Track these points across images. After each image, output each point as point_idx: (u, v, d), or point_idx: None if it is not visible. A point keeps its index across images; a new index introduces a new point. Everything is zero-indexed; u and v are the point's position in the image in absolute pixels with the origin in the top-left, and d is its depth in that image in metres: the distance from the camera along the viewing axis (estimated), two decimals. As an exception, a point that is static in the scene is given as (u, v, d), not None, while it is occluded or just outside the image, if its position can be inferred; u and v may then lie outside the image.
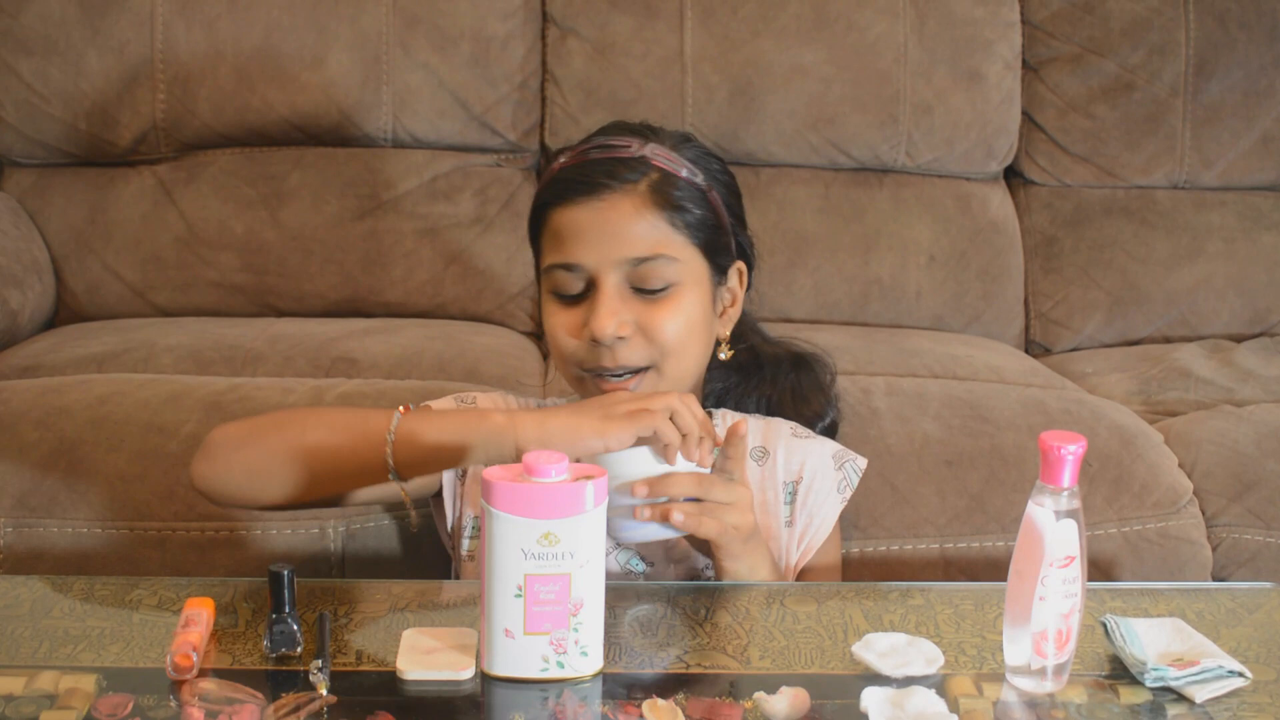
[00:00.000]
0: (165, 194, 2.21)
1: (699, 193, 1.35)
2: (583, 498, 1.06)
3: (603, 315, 1.29)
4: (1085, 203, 2.37)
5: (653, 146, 1.34)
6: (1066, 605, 1.07)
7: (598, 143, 1.36)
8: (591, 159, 1.34)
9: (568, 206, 1.32)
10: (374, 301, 2.20)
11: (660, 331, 1.31)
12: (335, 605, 1.20)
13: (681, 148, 1.37)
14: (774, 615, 1.21)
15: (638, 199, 1.31)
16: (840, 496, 1.42)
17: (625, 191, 1.31)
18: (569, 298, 1.33)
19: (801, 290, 2.25)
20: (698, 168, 1.36)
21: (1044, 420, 1.73)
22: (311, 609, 1.18)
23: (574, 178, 1.33)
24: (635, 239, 1.30)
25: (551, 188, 1.35)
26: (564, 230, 1.32)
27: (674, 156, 1.35)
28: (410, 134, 2.24)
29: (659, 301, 1.32)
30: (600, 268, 1.30)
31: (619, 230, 1.30)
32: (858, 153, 2.30)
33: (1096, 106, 2.35)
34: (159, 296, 2.19)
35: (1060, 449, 1.05)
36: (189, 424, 1.65)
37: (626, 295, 1.31)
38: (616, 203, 1.31)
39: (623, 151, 1.33)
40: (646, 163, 1.33)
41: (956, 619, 1.20)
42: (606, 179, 1.31)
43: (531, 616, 1.06)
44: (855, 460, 1.45)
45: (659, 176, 1.32)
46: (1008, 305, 2.30)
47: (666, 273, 1.31)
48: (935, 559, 1.64)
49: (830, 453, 1.44)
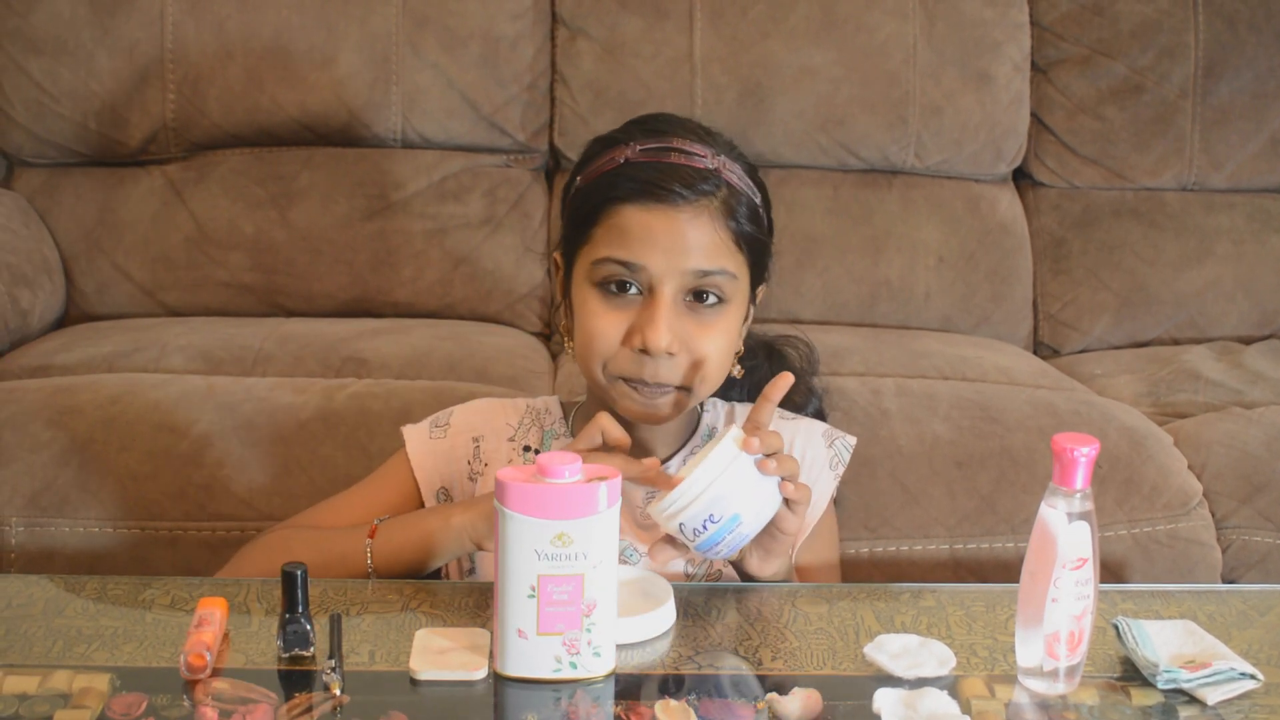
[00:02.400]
0: (175, 194, 2.21)
1: (755, 209, 1.33)
2: (596, 498, 1.06)
3: (661, 326, 1.27)
4: (1094, 204, 2.36)
5: (723, 159, 1.32)
6: (1079, 607, 1.07)
7: (676, 145, 1.32)
8: (668, 162, 1.30)
9: (641, 208, 1.28)
10: (383, 301, 2.20)
11: (704, 349, 1.30)
12: (348, 605, 1.20)
13: (738, 158, 1.36)
14: (786, 616, 1.21)
15: (712, 213, 1.29)
16: (833, 474, 1.42)
17: (702, 205, 1.29)
18: (618, 299, 1.30)
19: (810, 291, 2.25)
20: (751, 180, 1.35)
21: (1054, 422, 1.72)
22: (324, 608, 1.19)
23: (653, 180, 1.29)
24: (705, 251, 1.28)
25: (621, 183, 1.30)
26: (634, 229, 1.28)
27: (739, 170, 1.33)
28: (419, 134, 2.24)
29: (708, 321, 1.30)
30: (664, 275, 1.28)
31: (692, 242, 1.28)
32: (867, 154, 2.29)
33: (1105, 108, 2.35)
34: (169, 296, 2.19)
35: (1073, 451, 1.05)
36: (200, 424, 1.65)
37: (680, 308, 1.29)
38: (695, 216, 1.28)
39: (699, 161, 1.30)
40: (719, 176, 1.30)
41: (968, 620, 1.20)
42: (685, 190, 1.28)
43: (545, 617, 1.06)
44: (845, 438, 1.44)
45: (728, 192, 1.30)
46: (1016, 307, 2.30)
47: (724, 288, 1.30)
48: (946, 560, 1.64)
49: (819, 430, 1.44)
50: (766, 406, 1.25)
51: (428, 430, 1.43)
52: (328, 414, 1.69)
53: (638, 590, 1.20)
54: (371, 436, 1.67)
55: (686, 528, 1.17)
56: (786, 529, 1.22)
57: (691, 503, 1.16)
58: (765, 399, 1.25)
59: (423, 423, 1.44)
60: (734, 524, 1.17)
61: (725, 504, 1.17)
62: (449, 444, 1.41)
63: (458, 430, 1.42)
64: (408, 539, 1.30)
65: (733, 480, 1.17)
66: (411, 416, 1.48)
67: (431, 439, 1.42)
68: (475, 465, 1.40)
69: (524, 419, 1.44)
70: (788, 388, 1.25)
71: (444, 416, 1.44)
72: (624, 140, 1.34)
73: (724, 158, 1.33)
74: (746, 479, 1.18)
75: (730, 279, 1.30)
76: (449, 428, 1.43)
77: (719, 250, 1.29)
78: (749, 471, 1.18)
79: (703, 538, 1.18)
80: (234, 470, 1.64)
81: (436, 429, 1.43)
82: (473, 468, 1.40)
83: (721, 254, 1.30)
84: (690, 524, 1.17)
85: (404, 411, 1.66)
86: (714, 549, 1.19)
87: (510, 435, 1.42)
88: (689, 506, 1.16)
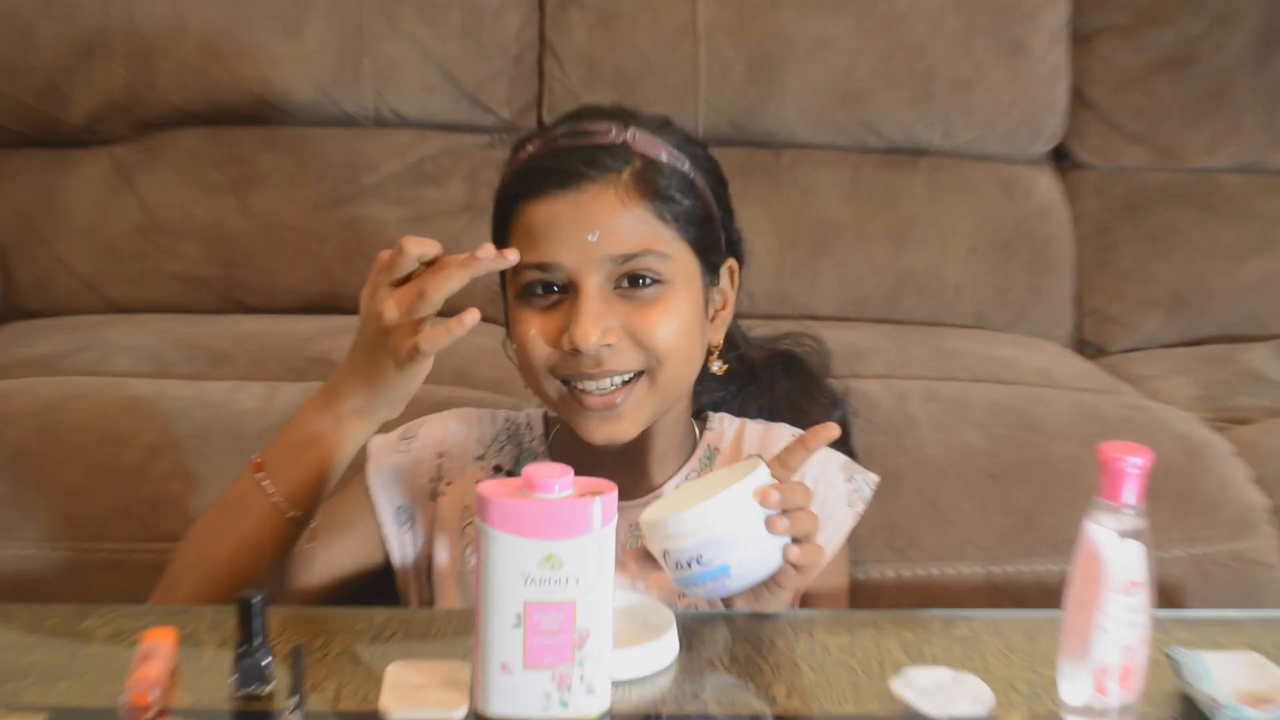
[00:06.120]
0: (122, 178, 2.22)
1: (685, 181, 1.33)
2: (590, 515, 1.05)
3: (585, 321, 1.27)
4: (1142, 187, 2.37)
5: (633, 131, 1.32)
6: (1131, 637, 1.06)
7: (570, 128, 1.33)
8: (565, 146, 1.31)
9: (542, 200, 1.29)
10: (354, 297, 2.16)
11: (652, 337, 1.29)
12: (311, 636, 1.19)
13: (663, 132, 1.35)
14: (802, 647, 1.20)
15: (621, 190, 1.29)
16: (852, 510, 1.41)
17: (607, 182, 1.28)
18: (544, 303, 1.31)
19: (827, 285, 2.25)
20: (682, 153, 1.34)
21: (1099, 429, 1.73)
22: (285, 640, 1.17)
23: (548, 167, 1.30)
24: (620, 234, 1.28)
25: (521, 179, 1.32)
26: (538, 226, 1.29)
27: (656, 141, 1.33)
28: (394, 112, 2.25)
29: (648, 305, 1.29)
30: (581, 268, 1.28)
31: (601, 225, 1.27)
32: (889, 132, 2.30)
33: (1154, 81, 2.36)
34: (115, 291, 2.19)
35: (1123, 462, 1.04)
36: (147, 433, 1.65)
37: (610, 299, 1.29)
38: (598, 194, 1.28)
39: (601, 138, 1.31)
40: (628, 149, 1.30)
41: (1006, 652, 1.20)
42: (585, 168, 1.28)
43: (532, 649, 1.05)
44: (866, 475, 1.44)
45: (642, 164, 1.30)
46: (1057, 301, 2.31)
47: (655, 269, 1.29)
48: (980, 584, 1.64)
49: (838, 463, 1.43)
50: (800, 453, 1.23)
51: (395, 443, 1.43)
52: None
53: (636, 618, 1.20)
54: (339, 447, 1.66)
55: (670, 558, 1.17)
56: (786, 586, 1.22)
57: (683, 535, 1.15)
58: (802, 445, 1.23)
59: (393, 433, 1.44)
60: (720, 574, 1.16)
61: (718, 551, 1.15)
62: (412, 459, 1.42)
63: (424, 444, 1.43)
64: (299, 453, 1.28)
65: (734, 529, 1.15)
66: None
67: (397, 453, 1.42)
68: (438, 484, 1.41)
69: (499, 435, 1.44)
70: (830, 440, 1.23)
71: (414, 427, 1.45)
72: (531, 136, 1.36)
73: (636, 130, 1.32)
74: (748, 532, 1.16)
75: (661, 259, 1.29)
76: (415, 440, 1.43)
77: (636, 230, 1.29)
78: (754, 525, 1.16)
79: (683, 574, 1.17)
80: (185, 485, 1.63)
81: (404, 441, 1.43)
82: (435, 486, 1.41)
83: (641, 234, 1.29)
84: (675, 557, 1.16)
85: (375, 419, 1.65)
86: (691, 589, 1.18)
87: (480, 454, 1.43)
88: (679, 538, 1.15)
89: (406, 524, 1.40)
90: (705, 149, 1.39)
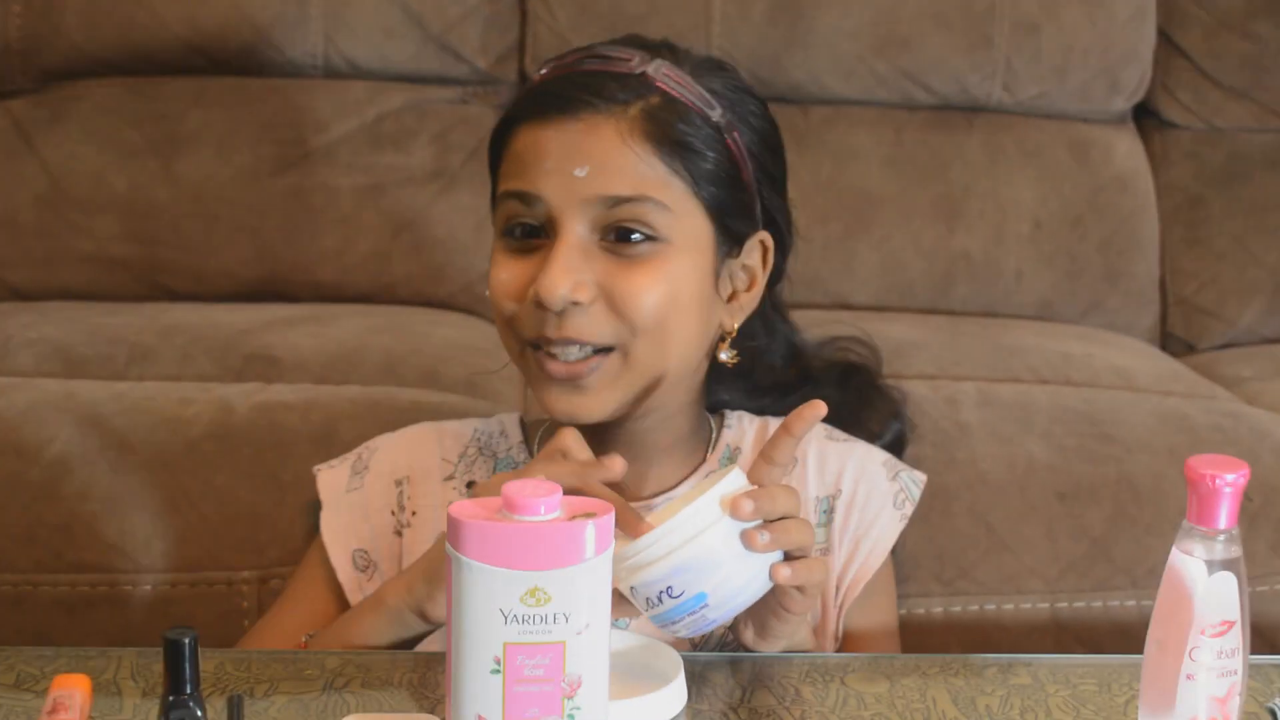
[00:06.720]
0: (21, 138, 2.22)
1: (713, 131, 1.34)
2: (581, 542, 1.06)
3: (555, 270, 1.28)
4: (1241, 152, 2.37)
5: (660, 64, 1.34)
6: (1223, 686, 1.07)
7: (591, 53, 1.36)
8: (579, 70, 1.34)
9: (535, 124, 1.32)
10: (300, 281, 2.20)
11: (632, 302, 1.29)
12: (252, 683, 1.20)
13: (706, 74, 1.37)
14: (832, 697, 1.21)
15: (625, 125, 1.30)
16: (899, 513, 1.42)
17: (610, 113, 1.30)
18: (520, 246, 1.33)
19: (864, 268, 2.25)
20: (719, 100, 1.36)
21: (1188, 440, 1.73)
22: (220, 688, 1.18)
23: (552, 90, 1.33)
24: (613, 173, 1.29)
25: (522, 101, 1.36)
26: (526, 151, 1.32)
27: (686, 80, 1.34)
28: (347, 60, 2.25)
29: (636, 262, 1.30)
30: (564, 205, 1.29)
31: (593, 160, 1.29)
32: (939, 85, 2.31)
33: (1257, 23, 2.36)
34: (14, 274, 2.19)
35: (1215, 480, 1.05)
36: (56, 443, 1.65)
37: (593, 252, 1.30)
38: (596, 125, 1.30)
39: (619, 65, 1.33)
40: (646, 82, 1.32)
41: (1075, 704, 1.21)
42: (588, 95, 1.31)
43: (513, 699, 1.06)
44: (912, 473, 1.45)
45: (661, 102, 1.32)
46: (1138, 288, 2.31)
47: (650, 223, 1.30)
48: (1045, 622, 1.64)
49: (880, 459, 1.45)
50: (787, 442, 1.21)
51: (346, 480, 1.45)
52: (226, 430, 1.70)
53: (637, 663, 1.20)
54: (284, 461, 1.67)
55: (638, 594, 1.16)
56: (792, 609, 1.21)
57: (646, 566, 1.14)
58: (786, 431, 1.21)
59: (342, 467, 1.46)
60: (697, 604, 1.15)
61: (688, 579, 1.14)
62: (366, 494, 1.43)
63: (377, 474, 1.44)
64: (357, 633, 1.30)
65: (703, 551, 1.14)
66: (337, 434, 1.48)
67: (350, 491, 1.44)
68: (401, 516, 1.42)
69: (468, 449, 1.45)
70: (817, 419, 1.22)
71: (366, 455, 1.46)
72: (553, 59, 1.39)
73: (665, 64, 1.34)
74: (722, 552, 1.14)
75: (659, 210, 1.30)
76: (367, 472, 1.44)
77: (635, 171, 1.30)
78: (729, 543, 1.15)
79: (656, 610, 1.16)
80: (101, 506, 1.64)
81: (355, 477, 1.45)
82: (398, 519, 1.42)
83: (639, 177, 1.30)
84: (643, 591, 1.15)
85: (327, 428, 1.66)
86: (671, 626, 1.17)
87: (448, 474, 1.44)
88: (642, 570, 1.14)
89: (368, 569, 1.41)
90: (763, 106, 1.41)
